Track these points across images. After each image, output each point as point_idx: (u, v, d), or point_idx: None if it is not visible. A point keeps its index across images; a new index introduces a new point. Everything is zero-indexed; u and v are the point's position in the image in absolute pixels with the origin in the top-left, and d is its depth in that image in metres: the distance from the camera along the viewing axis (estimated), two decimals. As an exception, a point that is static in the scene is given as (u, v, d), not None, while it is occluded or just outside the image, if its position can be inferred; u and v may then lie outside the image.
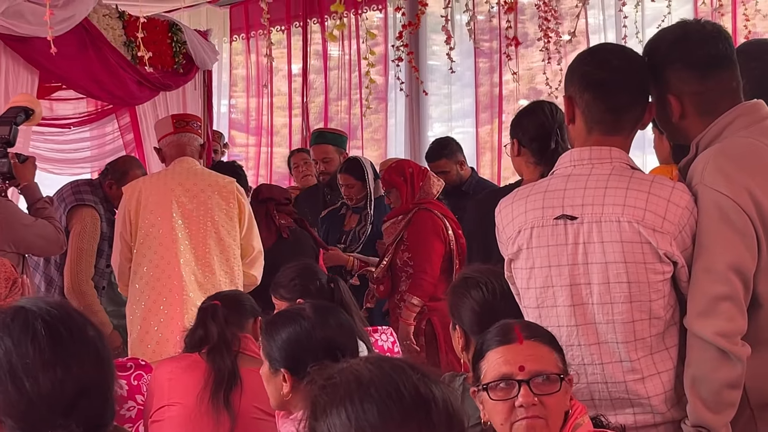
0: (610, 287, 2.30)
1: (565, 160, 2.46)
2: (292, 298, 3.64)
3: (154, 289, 4.31)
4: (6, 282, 3.00)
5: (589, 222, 2.33)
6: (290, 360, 2.51)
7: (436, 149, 5.89)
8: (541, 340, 2.15)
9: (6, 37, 4.89)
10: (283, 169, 8.54)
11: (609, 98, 2.42)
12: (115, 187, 5.18)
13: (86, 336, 1.71)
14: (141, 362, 3.85)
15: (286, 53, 8.38)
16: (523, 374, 2.08)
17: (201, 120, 4.75)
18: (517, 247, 2.44)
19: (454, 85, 7.61)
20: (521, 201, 2.47)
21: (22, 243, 4.15)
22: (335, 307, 2.82)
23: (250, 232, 4.44)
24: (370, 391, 1.34)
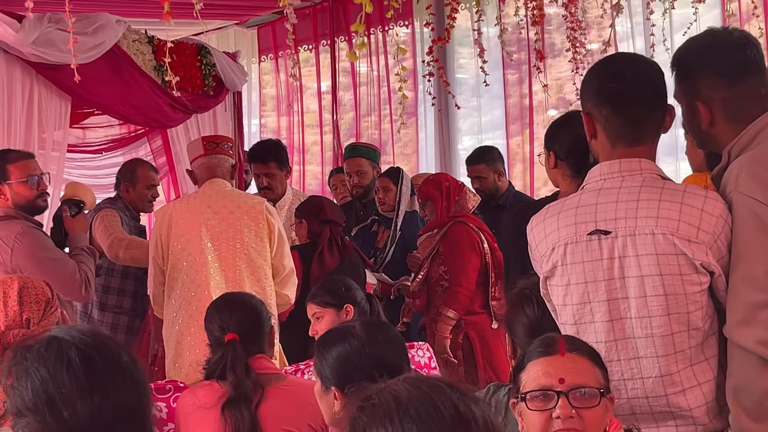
0: (647, 300, 2.28)
1: (595, 174, 2.45)
2: (338, 304, 3.67)
3: (186, 312, 4.34)
4: (38, 305, 2.99)
5: (623, 236, 2.31)
6: (341, 378, 2.50)
7: (477, 153, 5.93)
8: (583, 354, 2.14)
9: (38, 65, 4.95)
10: (314, 186, 8.56)
11: (628, 110, 2.40)
12: (131, 189, 5.29)
13: (120, 361, 1.71)
14: (180, 384, 3.87)
15: (314, 71, 8.41)
16: (563, 386, 2.08)
17: (232, 141, 4.78)
18: (551, 265, 2.43)
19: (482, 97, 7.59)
20: (553, 218, 2.45)
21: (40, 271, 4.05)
22: (385, 324, 2.81)
23: (281, 251, 4.44)
24: (410, 411, 1.34)
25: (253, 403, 3.08)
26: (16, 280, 2.99)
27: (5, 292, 2.94)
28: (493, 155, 5.88)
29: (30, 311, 2.93)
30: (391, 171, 5.78)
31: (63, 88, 5.10)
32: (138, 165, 5.51)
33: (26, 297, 2.94)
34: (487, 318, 4.94)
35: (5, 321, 2.91)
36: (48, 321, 2.95)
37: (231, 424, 3.05)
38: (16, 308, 2.92)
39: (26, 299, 2.94)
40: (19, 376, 1.67)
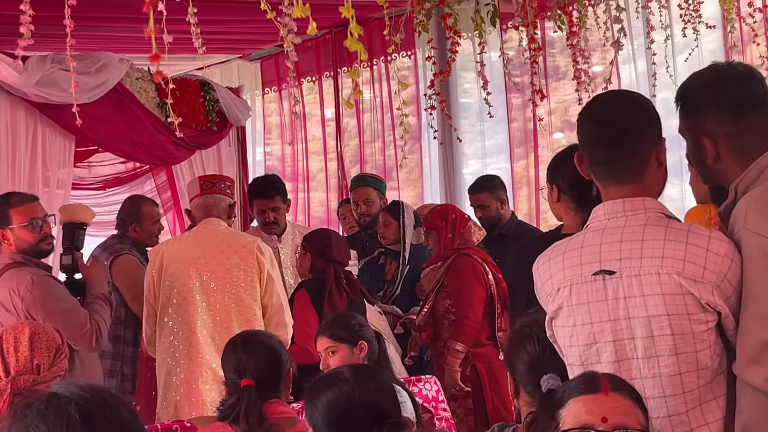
0: (654, 341, 2.27)
1: (599, 213, 2.44)
2: (353, 340, 3.65)
3: (174, 352, 4.36)
4: (48, 351, 3.01)
5: (628, 276, 2.30)
6: (332, 424, 2.50)
7: (480, 182, 5.93)
8: (626, 394, 2.13)
9: (41, 105, 4.99)
10: (320, 213, 8.57)
11: (608, 153, 2.41)
12: (139, 228, 5.30)
13: (120, 417, 1.70)
14: (186, 425, 3.87)
15: (318, 99, 8.44)
16: (606, 426, 2.07)
17: (231, 180, 4.76)
18: (557, 305, 2.42)
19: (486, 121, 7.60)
20: (558, 257, 2.44)
21: (51, 321, 3.97)
22: (374, 369, 2.80)
23: (269, 289, 4.39)
24: None
25: None
26: (28, 326, 3.03)
27: (17, 338, 2.97)
28: (495, 183, 5.88)
29: (41, 357, 2.96)
30: (390, 205, 5.79)
31: (66, 128, 5.14)
32: (142, 203, 5.51)
33: (37, 343, 2.97)
34: (494, 349, 4.93)
35: (16, 366, 2.94)
36: (58, 367, 2.98)
37: None
38: (27, 354, 2.95)
39: (37, 345, 2.97)
40: (20, 435, 1.66)
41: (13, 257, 4.11)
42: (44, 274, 4.17)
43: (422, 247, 5.61)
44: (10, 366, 2.95)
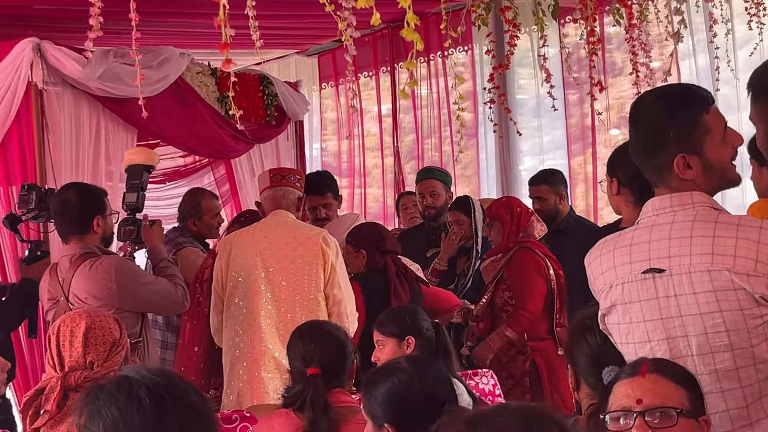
0: (708, 338, 2.25)
1: (648, 210, 2.42)
2: (401, 335, 3.67)
3: (238, 341, 4.40)
4: (104, 346, 3.01)
5: (678, 274, 2.28)
6: (392, 414, 2.51)
7: (541, 174, 5.93)
8: (666, 376, 2.13)
9: (104, 99, 5.07)
10: (375, 209, 8.59)
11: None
12: (198, 221, 5.35)
13: (189, 401, 1.73)
14: (245, 414, 3.92)
15: (374, 94, 8.46)
16: (641, 407, 2.09)
17: (300, 174, 4.80)
18: (610, 303, 2.41)
19: (543, 117, 7.56)
20: (609, 254, 2.43)
21: (141, 302, 4.18)
22: (431, 359, 2.82)
23: (332, 280, 4.42)
24: None
25: None
26: (84, 319, 3.00)
27: (72, 332, 2.97)
28: (556, 178, 5.86)
29: (95, 353, 2.96)
30: (459, 203, 5.73)
31: (129, 121, 5.22)
32: (201, 197, 5.56)
33: (92, 339, 2.96)
34: (553, 344, 4.91)
35: (69, 361, 2.95)
36: (113, 362, 2.97)
37: None
38: (80, 350, 2.94)
39: (92, 341, 2.96)
40: (92, 416, 1.70)
41: (85, 247, 4.15)
42: (124, 259, 4.23)
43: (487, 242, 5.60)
44: (65, 360, 2.95)
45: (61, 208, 4.17)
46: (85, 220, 4.15)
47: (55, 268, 4.19)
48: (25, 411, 2.91)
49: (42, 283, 4.28)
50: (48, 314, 4.20)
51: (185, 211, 5.47)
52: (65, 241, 4.20)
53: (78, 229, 4.15)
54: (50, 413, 2.86)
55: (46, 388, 2.92)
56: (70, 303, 4.05)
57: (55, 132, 4.90)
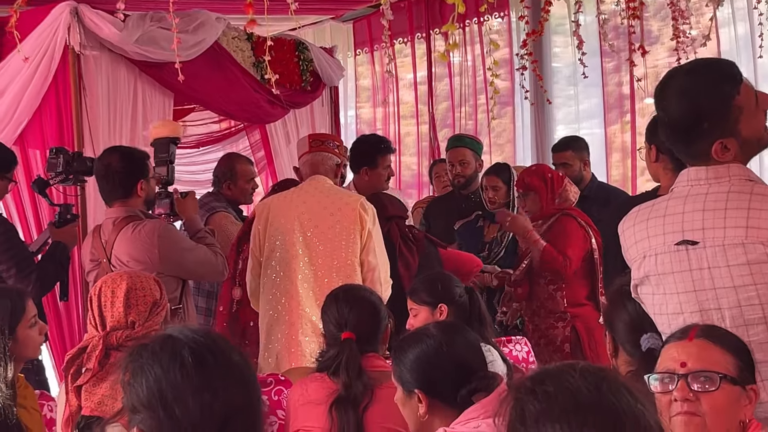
0: (742, 311, 2.24)
1: (683, 179, 2.40)
2: (433, 303, 3.67)
3: (275, 305, 4.43)
4: (145, 306, 3.04)
5: (712, 246, 2.27)
6: (422, 379, 2.53)
7: (565, 141, 5.90)
8: (713, 341, 2.12)
9: (141, 63, 5.08)
10: (408, 177, 8.58)
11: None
12: (233, 186, 5.36)
13: (231, 361, 1.74)
14: (281, 378, 3.94)
15: (409, 62, 8.41)
16: (684, 370, 2.09)
17: (340, 140, 4.79)
18: (643, 273, 2.41)
19: (578, 86, 7.50)
20: (642, 224, 2.42)
21: (182, 268, 4.19)
22: (460, 325, 2.82)
23: (368, 246, 4.43)
24: (588, 418, 1.33)
25: (360, 406, 3.10)
26: (125, 279, 3.04)
27: (113, 292, 3.01)
28: (580, 144, 5.82)
29: (136, 313, 3.00)
30: (498, 169, 5.69)
31: (166, 85, 5.23)
32: (236, 161, 5.58)
33: (133, 299, 3.00)
34: (593, 311, 4.86)
35: (111, 321, 2.99)
36: (153, 321, 3.01)
37: (337, 423, 3.08)
38: (121, 310, 2.98)
39: (133, 301, 3.00)
40: (135, 374, 1.71)
41: (129, 211, 4.16)
42: (167, 224, 4.23)
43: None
44: (107, 320, 2.99)
45: (105, 172, 4.18)
46: (129, 185, 4.16)
47: (99, 229, 4.21)
48: (67, 369, 2.96)
49: (84, 244, 4.32)
50: (89, 275, 4.23)
51: (220, 175, 5.49)
52: (109, 205, 4.21)
53: (122, 194, 4.17)
54: (92, 371, 2.90)
55: (88, 346, 2.96)
56: (112, 265, 4.08)
57: (92, 96, 4.92)
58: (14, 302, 3.49)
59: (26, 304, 3.55)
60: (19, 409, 3.43)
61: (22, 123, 4.87)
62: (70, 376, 2.94)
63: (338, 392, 3.12)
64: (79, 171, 4.49)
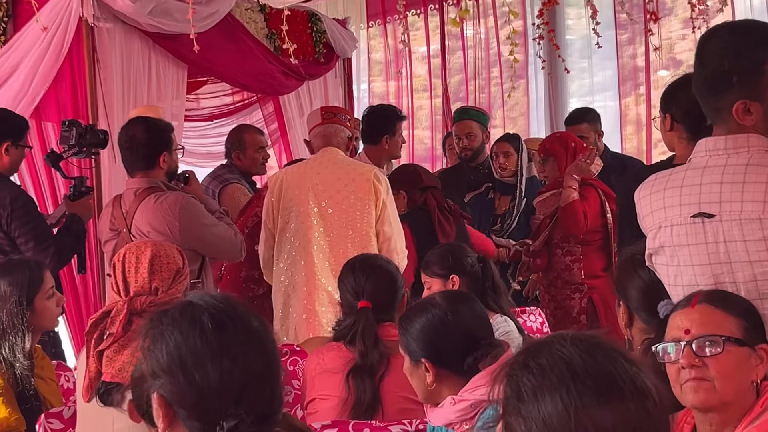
0: (758, 285, 2.23)
1: (701, 149, 2.37)
2: (445, 275, 3.69)
3: (291, 275, 4.44)
4: (168, 273, 3.06)
5: (728, 220, 2.24)
6: (429, 349, 2.55)
7: (578, 113, 5.87)
8: (716, 305, 2.12)
9: (155, 35, 5.07)
10: (421, 151, 8.57)
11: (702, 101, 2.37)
12: (242, 155, 5.38)
13: (251, 327, 1.75)
14: (296, 348, 3.97)
15: (421, 35, 8.38)
16: (688, 336, 2.09)
17: (351, 114, 4.80)
18: (658, 243, 2.39)
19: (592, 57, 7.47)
20: (659, 194, 2.40)
21: (202, 242, 4.15)
22: (466, 294, 2.84)
23: (383, 216, 4.45)
24: (587, 383, 1.33)
25: (377, 374, 3.12)
26: (150, 247, 3.06)
27: (138, 259, 3.02)
28: (593, 115, 5.80)
29: (160, 280, 3.01)
30: (509, 136, 5.73)
31: (179, 57, 5.22)
32: (244, 131, 5.59)
33: (157, 266, 3.02)
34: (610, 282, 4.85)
35: (135, 287, 3.01)
36: (176, 289, 3.02)
37: (353, 392, 3.10)
38: (145, 276, 3.00)
39: (157, 268, 3.01)
40: (155, 339, 1.72)
41: (150, 182, 4.16)
42: (189, 197, 4.21)
43: (534, 180, 5.57)
44: (130, 286, 3.00)
45: (129, 143, 4.17)
46: (153, 156, 4.16)
47: (119, 199, 4.21)
48: (90, 333, 2.96)
49: (102, 214, 4.31)
50: (107, 245, 4.22)
51: (229, 146, 5.51)
52: (131, 175, 4.21)
53: (144, 165, 4.16)
54: (115, 336, 2.91)
55: (112, 311, 2.97)
56: (132, 235, 4.07)
57: (107, 68, 4.91)
58: (32, 273, 3.52)
59: (44, 275, 3.58)
60: (36, 379, 3.48)
61: (38, 96, 4.87)
62: (93, 341, 2.95)
63: (354, 361, 3.13)
64: (92, 143, 4.49)
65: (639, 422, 1.32)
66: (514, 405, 1.37)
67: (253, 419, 1.65)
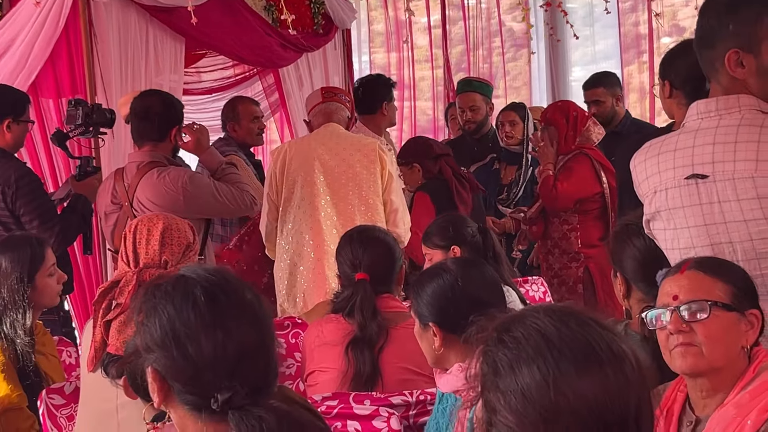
0: (754, 244, 2.22)
1: (693, 113, 2.36)
2: (446, 246, 3.68)
3: (298, 243, 4.43)
4: (179, 247, 3.05)
5: (722, 180, 2.24)
6: (438, 313, 2.54)
7: (596, 77, 5.85)
8: (704, 271, 2.11)
9: (151, 8, 5.04)
10: (423, 122, 8.55)
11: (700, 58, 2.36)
12: (237, 126, 5.37)
13: (244, 299, 1.74)
14: (297, 320, 3.96)
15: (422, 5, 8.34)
16: (676, 302, 2.09)
17: (350, 95, 4.83)
18: (654, 209, 2.39)
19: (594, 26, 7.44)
20: (653, 159, 2.40)
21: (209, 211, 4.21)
22: (478, 261, 2.83)
23: (389, 186, 4.47)
24: (564, 351, 1.32)
25: (376, 346, 3.11)
26: (162, 220, 3.04)
27: (149, 230, 3.01)
28: (611, 79, 5.78)
29: (170, 253, 2.99)
30: (516, 105, 5.74)
31: (177, 31, 5.18)
32: (238, 101, 5.57)
33: (168, 239, 3.00)
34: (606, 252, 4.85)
35: (145, 258, 2.99)
36: (185, 263, 3.00)
37: (353, 364, 3.10)
38: (156, 248, 2.99)
39: (168, 241, 3.00)
40: (149, 313, 1.72)
41: (155, 155, 4.13)
42: (193, 172, 4.21)
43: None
44: (140, 257, 2.99)
45: (145, 112, 4.14)
46: (165, 129, 4.14)
47: (122, 172, 4.18)
48: (98, 303, 2.95)
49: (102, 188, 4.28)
50: (109, 218, 4.19)
51: (224, 118, 5.49)
52: (140, 146, 4.18)
53: (156, 136, 4.14)
54: (123, 306, 2.89)
55: (121, 281, 2.97)
56: (134, 209, 4.06)
57: (104, 43, 4.87)
58: (34, 250, 3.52)
59: (45, 252, 3.58)
60: (37, 355, 3.48)
61: (35, 72, 4.83)
62: (101, 311, 2.94)
63: (353, 333, 3.13)
64: (99, 123, 4.45)
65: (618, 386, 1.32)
66: (491, 381, 1.37)
67: (247, 391, 1.65)
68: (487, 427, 1.36)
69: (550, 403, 1.30)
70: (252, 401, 1.65)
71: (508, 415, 1.33)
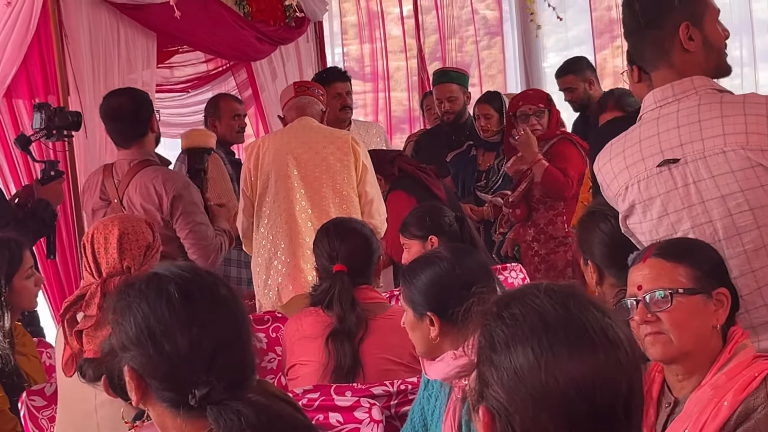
0: (733, 219, 2.24)
1: (649, 102, 2.38)
2: (423, 236, 3.70)
3: (273, 237, 4.43)
4: (139, 250, 2.99)
5: (693, 161, 2.26)
6: (434, 302, 2.48)
7: (565, 65, 5.88)
8: (665, 257, 2.12)
9: (122, 6, 5.02)
10: (399, 113, 8.54)
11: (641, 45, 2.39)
12: (218, 122, 5.37)
13: (218, 295, 1.74)
14: (277, 315, 3.96)
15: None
16: (641, 292, 2.10)
17: (322, 89, 4.80)
18: (629, 204, 2.39)
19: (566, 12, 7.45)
20: (619, 156, 2.40)
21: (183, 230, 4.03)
22: (470, 248, 2.82)
23: (364, 178, 4.47)
24: (559, 333, 1.32)
25: (356, 338, 3.11)
26: (117, 225, 2.95)
27: (106, 238, 2.93)
28: (581, 65, 5.80)
29: (131, 258, 2.92)
30: (489, 96, 5.70)
31: (150, 27, 5.17)
32: (220, 98, 5.57)
33: (126, 244, 2.92)
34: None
35: (106, 268, 2.92)
36: (148, 265, 2.91)
37: (333, 356, 3.10)
38: (116, 256, 2.90)
39: (126, 246, 2.92)
40: (123, 312, 1.71)
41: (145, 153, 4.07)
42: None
43: None
44: (102, 267, 2.92)
45: (118, 113, 4.06)
46: (144, 121, 4.07)
47: (110, 168, 4.12)
48: (64, 315, 2.93)
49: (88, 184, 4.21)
50: (97, 214, 4.09)
51: (205, 114, 5.50)
52: (125, 147, 4.09)
53: (140, 131, 4.06)
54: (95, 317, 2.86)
55: (86, 294, 2.92)
56: (124, 206, 4.01)
57: (75, 42, 4.85)
58: (12, 252, 3.50)
59: (23, 254, 3.55)
60: (18, 356, 3.47)
61: (9, 75, 4.80)
62: (67, 321, 2.92)
63: (333, 325, 3.13)
64: (62, 126, 4.41)
65: (609, 372, 1.32)
66: (487, 355, 1.37)
67: (225, 386, 1.65)
68: (478, 398, 1.36)
69: (540, 384, 1.30)
70: (230, 396, 1.65)
71: (499, 390, 1.33)
